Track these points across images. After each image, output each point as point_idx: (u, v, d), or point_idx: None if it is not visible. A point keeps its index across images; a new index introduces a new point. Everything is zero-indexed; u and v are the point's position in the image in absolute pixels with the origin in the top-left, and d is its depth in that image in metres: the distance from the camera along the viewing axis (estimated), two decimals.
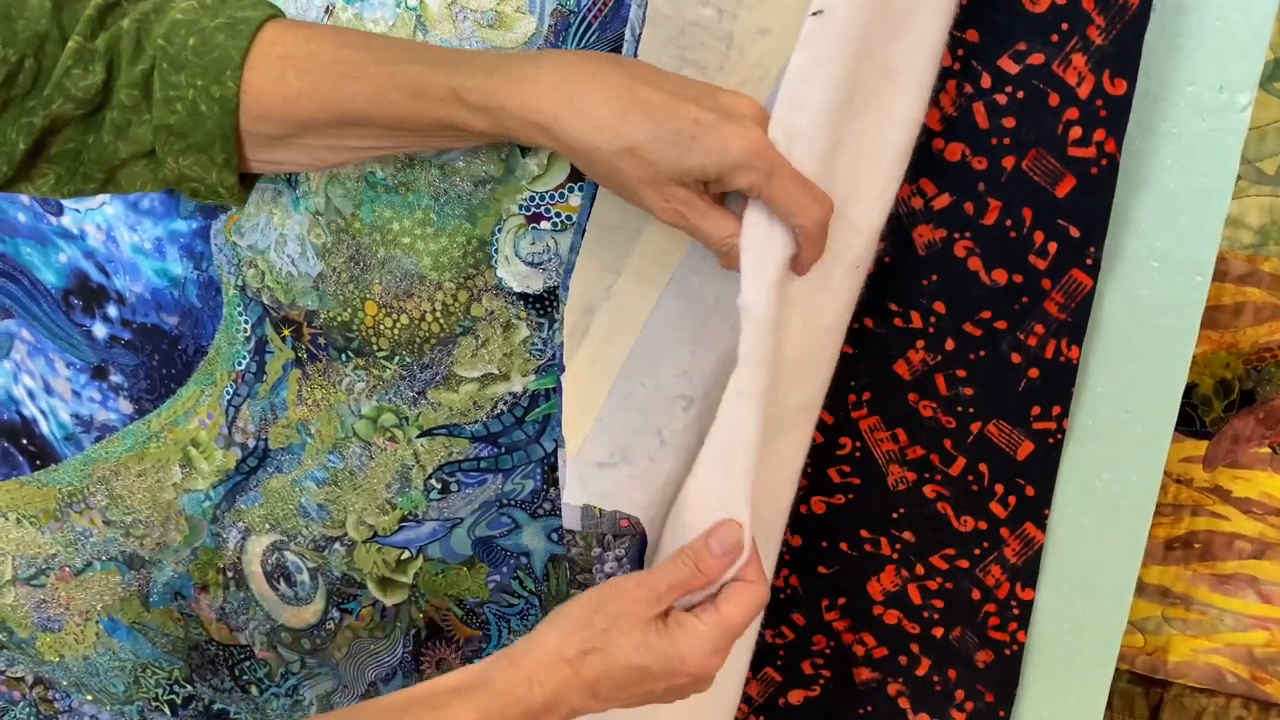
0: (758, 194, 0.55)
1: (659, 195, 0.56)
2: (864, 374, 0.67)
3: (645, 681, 0.58)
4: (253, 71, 0.59)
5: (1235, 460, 0.79)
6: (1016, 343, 0.64)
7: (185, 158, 0.60)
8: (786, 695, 0.77)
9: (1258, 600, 0.82)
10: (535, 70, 0.57)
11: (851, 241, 0.60)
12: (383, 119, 0.59)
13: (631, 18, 0.62)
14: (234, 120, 0.59)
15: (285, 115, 0.59)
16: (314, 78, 0.59)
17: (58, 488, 0.89)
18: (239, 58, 0.58)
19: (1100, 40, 0.57)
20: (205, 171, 0.61)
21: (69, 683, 0.97)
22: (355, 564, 0.84)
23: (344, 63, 0.59)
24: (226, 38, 0.59)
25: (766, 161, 0.54)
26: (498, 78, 0.56)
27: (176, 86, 0.59)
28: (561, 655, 0.58)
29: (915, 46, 0.58)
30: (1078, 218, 0.60)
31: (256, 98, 0.59)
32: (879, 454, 0.69)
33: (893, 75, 0.58)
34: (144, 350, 0.83)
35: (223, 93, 0.58)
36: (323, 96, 0.58)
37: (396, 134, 0.60)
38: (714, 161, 0.54)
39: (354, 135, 0.61)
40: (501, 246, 0.72)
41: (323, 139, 0.61)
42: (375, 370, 0.77)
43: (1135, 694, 0.88)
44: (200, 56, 0.58)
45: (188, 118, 0.59)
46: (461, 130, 0.58)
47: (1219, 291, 0.74)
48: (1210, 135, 0.59)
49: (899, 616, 0.72)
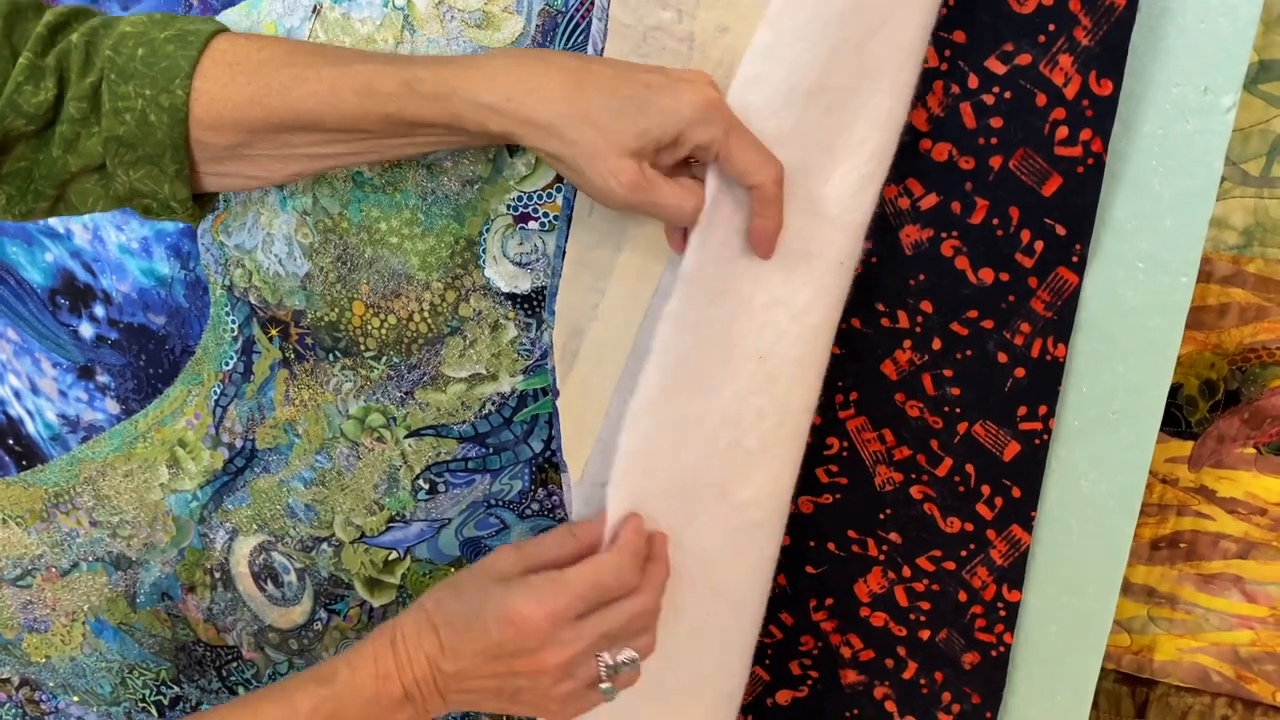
0: (716, 151, 0.55)
1: (619, 167, 0.55)
2: (851, 374, 0.67)
3: (479, 630, 0.58)
4: (203, 79, 0.58)
5: (1220, 460, 0.79)
6: (1003, 342, 0.64)
7: (136, 170, 0.60)
8: (774, 695, 0.77)
9: (1242, 600, 0.82)
10: (486, 59, 0.57)
11: (833, 237, 0.60)
12: (334, 120, 0.58)
13: (594, 32, 0.62)
14: (184, 129, 0.58)
15: (236, 121, 0.59)
16: (265, 81, 0.58)
17: (44, 488, 0.88)
18: (189, 66, 0.58)
19: (1087, 41, 0.57)
20: (157, 185, 0.60)
21: (55, 684, 0.96)
22: (343, 565, 0.84)
23: (296, 65, 0.59)
24: (176, 48, 0.58)
25: (723, 116, 0.55)
26: (449, 67, 0.57)
27: (125, 97, 0.58)
28: (420, 603, 0.60)
29: (896, 46, 0.58)
30: (1064, 216, 0.60)
31: (207, 105, 0.58)
32: (866, 454, 0.69)
33: (872, 75, 0.58)
34: (131, 350, 0.83)
35: (172, 101, 0.58)
36: (274, 100, 0.58)
37: (348, 138, 0.60)
38: (670, 120, 0.54)
39: (305, 141, 0.60)
40: (489, 246, 0.72)
41: (274, 147, 0.60)
42: (363, 370, 0.77)
43: (1121, 693, 0.88)
44: (149, 66, 0.58)
45: (137, 128, 0.58)
46: (412, 124, 0.58)
47: (1204, 292, 0.75)
48: (1195, 137, 0.60)
49: (886, 619, 0.72)
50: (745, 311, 0.61)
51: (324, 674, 0.60)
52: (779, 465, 0.65)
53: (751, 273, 0.60)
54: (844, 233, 0.60)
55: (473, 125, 0.57)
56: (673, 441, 0.63)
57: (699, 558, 0.66)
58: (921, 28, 0.58)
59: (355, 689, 0.59)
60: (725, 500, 0.65)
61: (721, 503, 0.65)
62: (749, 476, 0.64)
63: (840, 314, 0.64)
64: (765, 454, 0.64)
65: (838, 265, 0.61)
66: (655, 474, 0.64)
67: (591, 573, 0.60)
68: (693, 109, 0.54)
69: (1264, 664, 0.83)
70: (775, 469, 0.65)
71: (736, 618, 0.69)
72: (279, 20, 0.70)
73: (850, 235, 0.61)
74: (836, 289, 0.62)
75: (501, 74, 0.56)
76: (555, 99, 0.55)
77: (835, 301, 0.63)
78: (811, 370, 0.64)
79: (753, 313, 0.61)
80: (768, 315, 0.61)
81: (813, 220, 0.59)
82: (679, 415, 0.63)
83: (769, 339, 0.61)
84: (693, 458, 0.64)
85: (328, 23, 0.69)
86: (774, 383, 0.62)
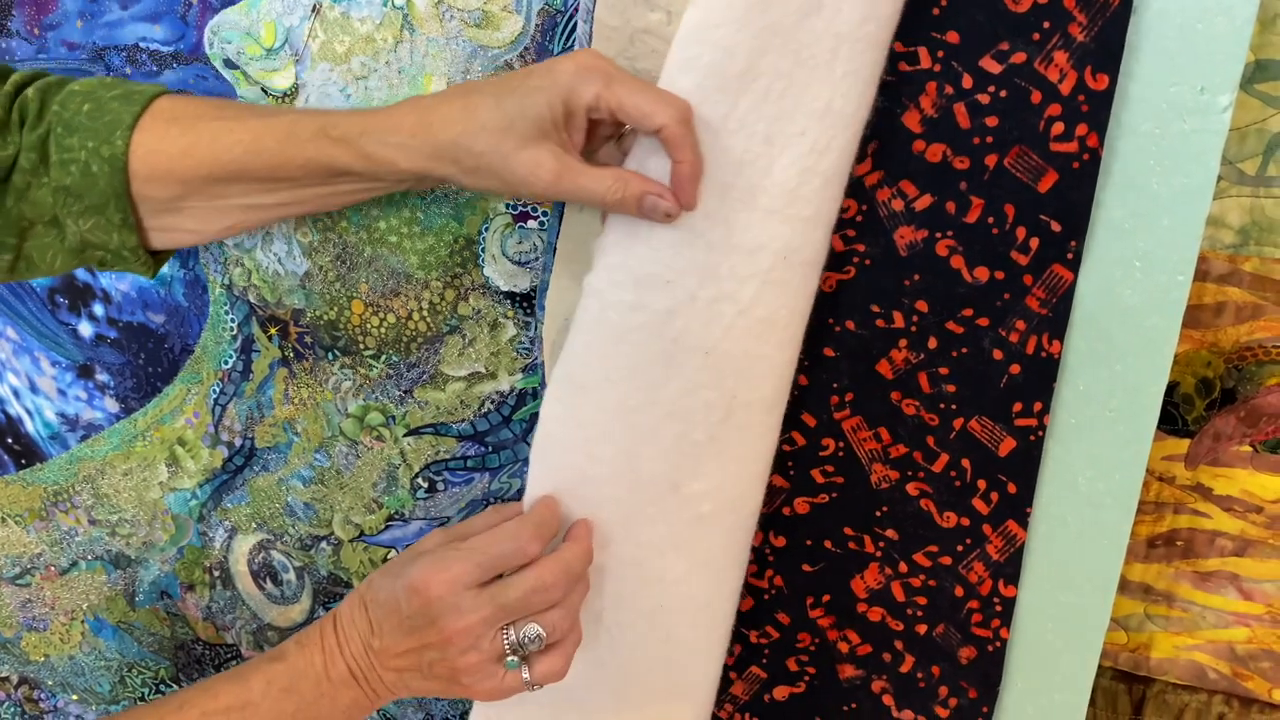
0: (606, 105, 0.56)
1: (535, 160, 0.57)
2: (846, 374, 0.68)
3: (394, 604, 0.61)
4: (141, 133, 0.62)
5: (1217, 458, 0.79)
6: (998, 339, 0.64)
7: (84, 220, 0.63)
8: (772, 692, 0.77)
9: (1239, 597, 0.82)
10: (393, 107, 0.61)
11: (778, 231, 0.60)
12: (259, 167, 0.62)
13: (579, 35, 0.62)
14: (124, 179, 0.62)
15: (170, 172, 0.62)
16: (197, 134, 0.62)
17: (43, 487, 0.89)
18: (130, 120, 0.62)
19: (1082, 37, 0.57)
20: (106, 235, 0.64)
21: (54, 682, 0.96)
22: (342, 563, 0.84)
23: (225, 119, 0.63)
24: (120, 105, 0.63)
25: (601, 71, 0.56)
26: (360, 115, 0.61)
27: (70, 149, 0.62)
28: (358, 586, 0.64)
29: (833, 35, 0.57)
30: (1060, 212, 0.60)
31: (144, 157, 0.62)
32: (862, 453, 0.69)
33: (807, 64, 0.57)
34: (130, 349, 0.83)
35: (112, 151, 0.61)
36: (204, 150, 0.62)
37: (274, 187, 0.63)
38: (550, 93, 0.56)
39: (236, 192, 0.63)
40: (488, 245, 0.72)
41: (207, 199, 0.64)
42: (362, 369, 0.77)
43: (1118, 690, 0.89)
44: (93, 120, 0.62)
45: (81, 178, 0.62)
46: (329, 169, 0.61)
47: (1200, 291, 0.75)
48: (1192, 136, 0.60)
49: (883, 613, 0.73)
50: (689, 306, 0.60)
51: (276, 653, 0.63)
52: (730, 458, 0.65)
53: (695, 265, 0.60)
54: (789, 226, 0.60)
55: (384, 165, 0.60)
56: (607, 425, 0.64)
57: (648, 548, 0.66)
58: (864, 19, 0.57)
59: (305, 664, 0.62)
60: (675, 493, 0.65)
61: (671, 495, 0.65)
62: (698, 469, 0.64)
63: (804, 307, 0.63)
64: (714, 446, 0.64)
65: (782, 259, 0.60)
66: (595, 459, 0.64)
67: (489, 540, 0.62)
68: (567, 75, 0.56)
69: (1260, 661, 0.84)
70: (726, 462, 0.65)
71: (686, 613, 0.69)
72: (279, 19, 0.70)
73: (798, 230, 0.60)
74: (787, 283, 0.61)
75: (405, 115, 0.60)
76: (450, 122, 0.58)
77: (789, 296, 0.62)
78: (761, 363, 0.63)
79: (696, 307, 0.60)
80: (713, 310, 0.60)
81: (754, 214, 0.59)
82: (616, 401, 0.63)
83: (715, 334, 0.61)
84: (636, 447, 0.64)
85: (327, 22, 0.69)
86: (722, 377, 0.62)
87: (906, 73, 0.61)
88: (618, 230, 0.60)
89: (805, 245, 0.61)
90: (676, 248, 0.59)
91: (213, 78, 0.73)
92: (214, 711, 0.60)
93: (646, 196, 0.57)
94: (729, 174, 0.58)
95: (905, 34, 0.60)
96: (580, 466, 0.65)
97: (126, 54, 0.74)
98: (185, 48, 0.73)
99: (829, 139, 0.59)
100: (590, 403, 0.64)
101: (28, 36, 0.75)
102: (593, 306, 0.62)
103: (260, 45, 0.71)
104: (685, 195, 0.58)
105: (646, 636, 0.69)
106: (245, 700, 0.60)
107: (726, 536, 0.68)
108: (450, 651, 0.60)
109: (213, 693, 0.61)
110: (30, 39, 0.75)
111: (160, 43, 0.73)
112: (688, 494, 0.65)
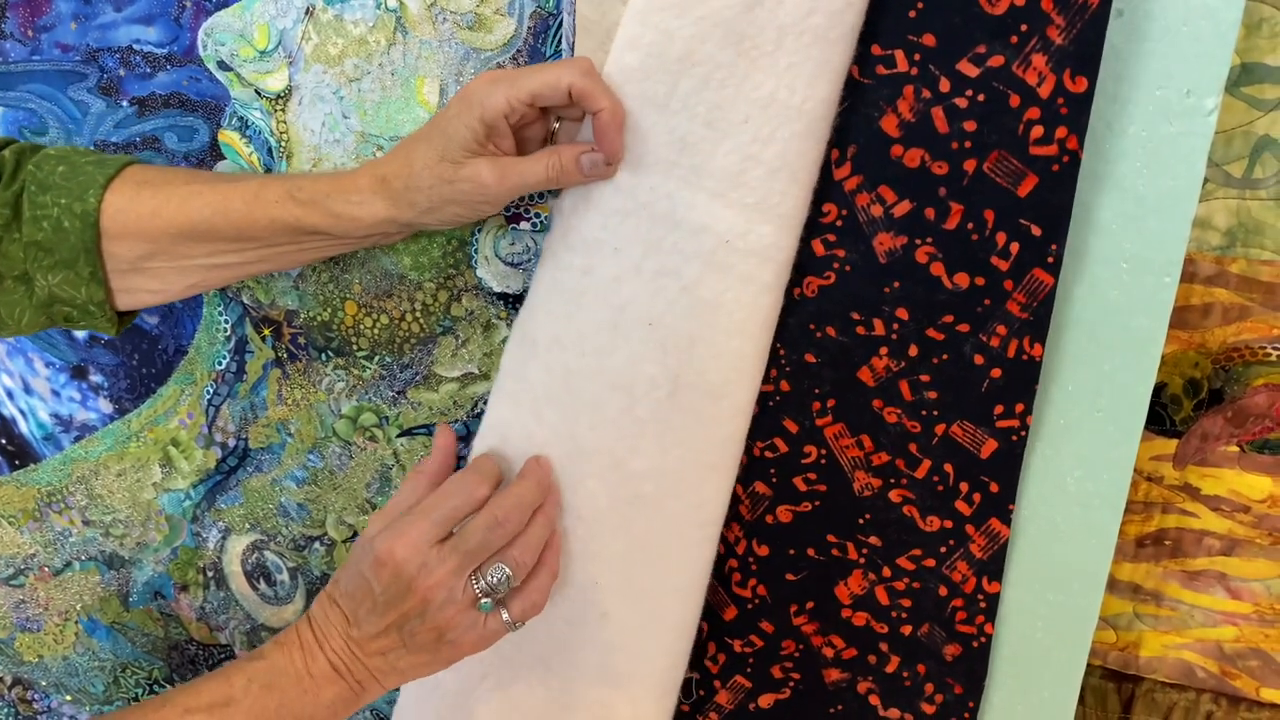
0: (517, 100, 0.59)
1: (473, 172, 0.61)
2: (828, 381, 0.68)
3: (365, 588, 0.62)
4: (113, 193, 0.65)
5: (1204, 458, 0.80)
6: (979, 344, 0.64)
7: (54, 274, 0.65)
8: (756, 700, 0.77)
9: (1227, 596, 0.83)
10: (351, 171, 0.65)
11: (721, 215, 0.61)
12: (227, 228, 0.65)
13: (565, 28, 0.64)
14: (95, 235, 0.64)
15: (139, 231, 0.65)
16: (166, 196, 0.65)
17: (37, 487, 0.89)
18: (104, 180, 0.65)
19: (1060, 40, 0.57)
20: (74, 289, 0.66)
21: (48, 683, 0.96)
22: (335, 563, 0.85)
23: (196, 183, 0.66)
24: (94, 168, 0.66)
25: (502, 77, 0.60)
26: (323, 178, 0.65)
27: (43, 206, 0.64)
28: (323, 592, 0.66)
29: (775, 26, 0.58)
30: (1039, 216, 0.61)
31: (114, 216, 0.65)
32: (844, 461, 0.69)
33: (748, 53, 0.58)
34: (124, 350, 0.83)
35: (84, 208, 0.64)
36: (173, 210, 0.65)
37: (240, 247, 0.66)
38: (469, 114, 0.60)
39: (202, 251, 0.66)
40: (481, 246, 0.72)
41: (172, 259, 0.66)
42: (355, 370, 0.78)
43: (1107, 689, 0.89)
44: (67, 180, 0.65)
45: (53, 234, 0.64)
46: (295, 229, 0.64)
47: (1187, 292, 0.75)
48: (1178, 138, 0.60)
49: (867, 618, 0.73)
50: (634, 276, 0.63)
51: (256, 653, 0.64)
52: (673, 441, 0.66)
53: (639, 235, 0.62)
54: (732, 211, 0.61)
55: (350, 221, 0.64)
56: (554, 387, 0.66)
57: (587, 521, 0.68)
58: (810, 11, 0.58)
59: (285, 662, 0.63)
60: (617, 469, 0.66)
61: (613, 470, 0.66)
62: (639, 446, 0.66)
63: (759, 301, 0.64)
64: (656, 425, 0.65)
65: (725, 243, 0.61)
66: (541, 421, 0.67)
67: (437, 497, 0.64)
68: (475, 94, 0.60)
69: (1248, 660, 0.84)
70: (668, 445, 0.66)
71: (624, 595, 0.69)
72: (272, 21, 0.70)
73: (741, 216, 0.61)
74: (732, 269, 0.62)
75: (361, 176, 0.64)
76: (397, 172, 0.62)
77: (734, 283, 0.63)
78: (704, 346, 0.64)
79: (642, 278, 0.63)
80: (657, 283, 0.63)
81: (699, 194, 0.61)
82: (564, 364, 0.65)
83: (659, 307, 0.63)
84: (580, 414, 0.66)
85: (320, 24, 0.69)
86: (665, 353, 0.64)
87: (884, 76, 0.61)
88: (572, 196, 0.64)
89: (750, 234, 0.62)
90: (622, 216, 0.62)
91: (206, 80, 0.73)
92: (196, 708, 0.61)
93: (580, 157, 0.61)
94: (672, 152, 0.60)
95: (883, 37, 0.60)
96: (527, 425, 0.67)
97: (120, 56, 0.74)
98: (179, 50, 0.73)
99: (773, 129, 0.60)
100: (540, 362, 0.66)
101: (21, 38, 0.75)
102: (549, 266, 0.65)
103: (254, 47, 0.71)
104: (610, 144, 0.60)
105: (583, 611, 0.70)
106: (228, 697, 0.61)
107: (669, 523, 0.68)
108: (429, 610, 0.61)
109: (195, 691, 0.62)
110: (24, 40, 0.75)
111: (154, 45, 0.73)
112: (629, 471, 0.66)
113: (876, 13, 0.59)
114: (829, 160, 0.63)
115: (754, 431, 0.69)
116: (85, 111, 0.76)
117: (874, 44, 0.60)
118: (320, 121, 0.72)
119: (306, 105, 0.72)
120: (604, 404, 0.65)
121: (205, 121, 0.74)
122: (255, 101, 0.73)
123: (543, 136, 0.64)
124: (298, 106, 0.72)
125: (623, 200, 0.62)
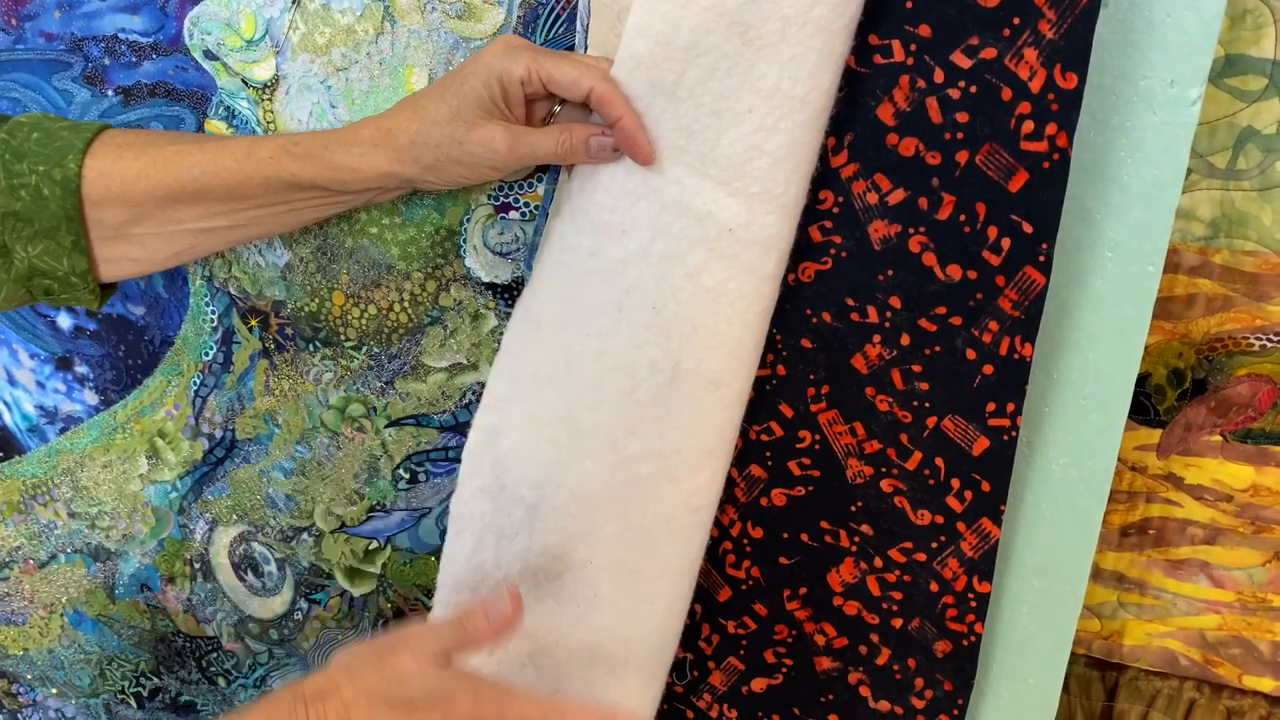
0: (536, 76, 0.59)
1: (485, 136, 0.60)
2: (823, 367, 0.68)
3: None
4: (93, 156, 0.62)
5: (1188, 448, 0.80)
6: (971, 339, 0.64)
7: (34, 245, 0.63)
8: (750, 683, 0.78)
9: (1210, 585, 0.83)
10: (350, 125, 0.64)
11: (725, 202, 0.61)
12: (217, 187, 0.63)
13: (580, 9, 0.65)
14: (77, 201, 0.62)
15: (124, 195, 0.62)
16: (152, 157, 0.63)
17: (22, 480, 0.88)
18: (82, 144, 0.62)
19: (1051, 34, 0.57)
20: (56, 260, 0.64)
21: (33, 677, 0.96)
22: (323, 554, 0.84)
23: (181, 143, 0.64)
24: (70, 132, 0.63)
25: (525, 46, 0.60)
26: (322, 133, 0.63)
27: (20, 174, 0.62)
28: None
29: (780, 17, 0.58)
30: (1031, 213, 0.61)
31: (96, 180, 0.62)
32: (838, 447, 0.70)
33: (753, 43, 0.59)
34: (110, 341, 0.83)
35: (64, 174, 0.62)
36: (160, 172, 0.62)
37: (231, 207, 0.64)
38: (488, 74, 0.60)
39: (190, 215, 0.64)
40: (470, 236, 0.72)
41: (158, 224, 0.64)
42: (343, 360, 0.78)
43: (1091, 677, 0.90)
44: (44, 146, 0.62)
45: (32, 202, 0.62)
46: (290, 185, 0.63)
47: (1171, 283, 0.76)
48: (1162, 129, 0.61)
49: (859, 607, 0.73)
50: (641, 259, 0.63)
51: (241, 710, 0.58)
52: (672, 426, 0.66)
53: (649, 219, 0.62)
54: (736, 200, 0.61)
55: (349, 173, 0.62)
56: (555, 367, 0.66)
57: (581, 500, 0.68)
58: (813, 3, 0.58)
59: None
60: (614, 450, 0.66)
61: (610, 452, 0.66)
62: (637, 428, 0.66)
63: (761, 291, 0.64)
64: (656, 408, 0.65)
65: (729, 232, 0.62)
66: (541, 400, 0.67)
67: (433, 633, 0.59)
68: (495, 56, 0.60)
69: (1230, 648, 0.85)
70: (667, 430, 0.66)
71: (616, 574, 0.70)
72: (259, 10, 0.70)
73: (744, 205, 0.62)
74: (735, 258, 0.63)
75: (362, 128, 0.62)
76: (405, 125, 0.61)
77: (737, 272, 0.63)
78: (706, 334, 0.64)
79: (649, 262, 0.63)
80: (663, 268, 0.63)
81: (704, 181, 0.61)
82: (566, 344, 0.65)
83: (665, 292, 0.63)
84: (580, 395, 0.66)
85: (308, 13, 0.69)
86: (668, 338, 0.64)
87: (881, 65, 0.61)
88: (581, 177, 0.64)
89: (754, 223, 0.62)
90: (633, 199, 0.62)
91: (192, 69, 0.73)
92: None
93: (591, 139, 0.61)
94: (681, 138, 0.61)
95: (880, 26, 0.61)
96: (526, 403, 0.67)
97: (105, 45, 0.74)
98: (164, 39, 0.73)
99: (776, 119, 0.60)
100: (542, 342, 0.66)
101: (5, 27, 0.74)
102: (554, 247, 0.65)
103: (240, 36, 0.71)
104: (640, 150, 0.61)
105: (575, 591, 0.70)
106: None
107: (664, 506, 0.68)
108: None
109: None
110: (8, 29, 0.74)
111: (139, 33, 0.73)
112: (626, 453, 0.66)
113: (874, 2, 0.60)
114: (825, 147, 0.63)
115: (751, 414, 0.69)
116: (70, 101, 0.75)
117: (871, 34, 0.61)
118: (308, 111, 0.71)
119: (294, 95, 0.71)
120: (605, 385, 0.65)
121: (191, 111, 0.74)
122: (242, 91, 0.72)
123: (541, 117, 0.64)
124: (285, 96, 0.72)
125: (633, 184, 0.62)
